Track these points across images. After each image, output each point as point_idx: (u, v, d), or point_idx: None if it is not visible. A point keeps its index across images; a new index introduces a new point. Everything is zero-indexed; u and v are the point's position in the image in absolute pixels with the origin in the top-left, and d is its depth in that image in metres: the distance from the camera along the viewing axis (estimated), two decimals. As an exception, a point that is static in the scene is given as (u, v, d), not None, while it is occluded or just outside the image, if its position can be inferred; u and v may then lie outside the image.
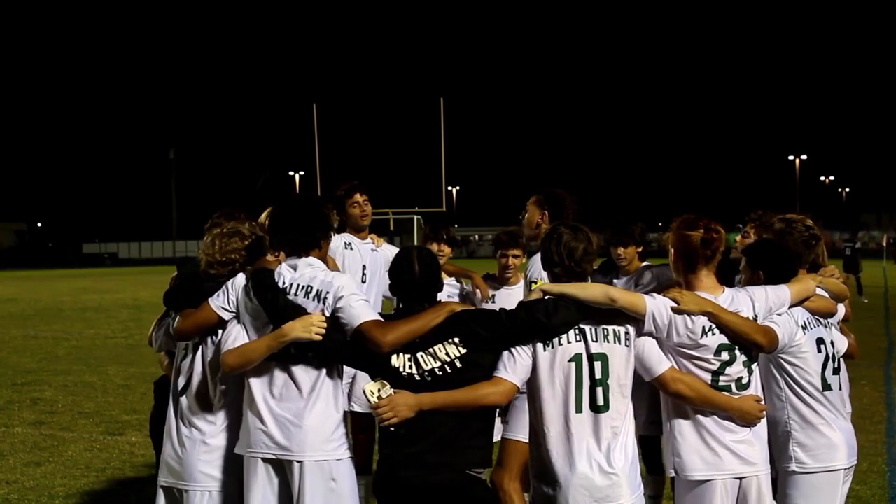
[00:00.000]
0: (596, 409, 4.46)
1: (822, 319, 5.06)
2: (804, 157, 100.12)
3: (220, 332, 4.95)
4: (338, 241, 7.41)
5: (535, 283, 6.35)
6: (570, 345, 4.48)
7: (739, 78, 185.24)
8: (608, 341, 4.50)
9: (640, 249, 6.89)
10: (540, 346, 4.49)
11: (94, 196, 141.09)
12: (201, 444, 4.99)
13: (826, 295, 5.15)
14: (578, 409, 4.46)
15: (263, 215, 5.77)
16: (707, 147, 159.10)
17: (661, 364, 4.56)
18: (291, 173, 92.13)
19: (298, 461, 4.68)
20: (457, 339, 4.51)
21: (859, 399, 5.04)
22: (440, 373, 4.50)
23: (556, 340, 4.48)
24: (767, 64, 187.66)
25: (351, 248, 7.44)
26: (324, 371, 4.76)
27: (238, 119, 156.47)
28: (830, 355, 5.01)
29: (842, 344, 5.20)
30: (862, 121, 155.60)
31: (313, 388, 4.74)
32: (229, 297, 4.91)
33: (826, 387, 4.95)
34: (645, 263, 6.88)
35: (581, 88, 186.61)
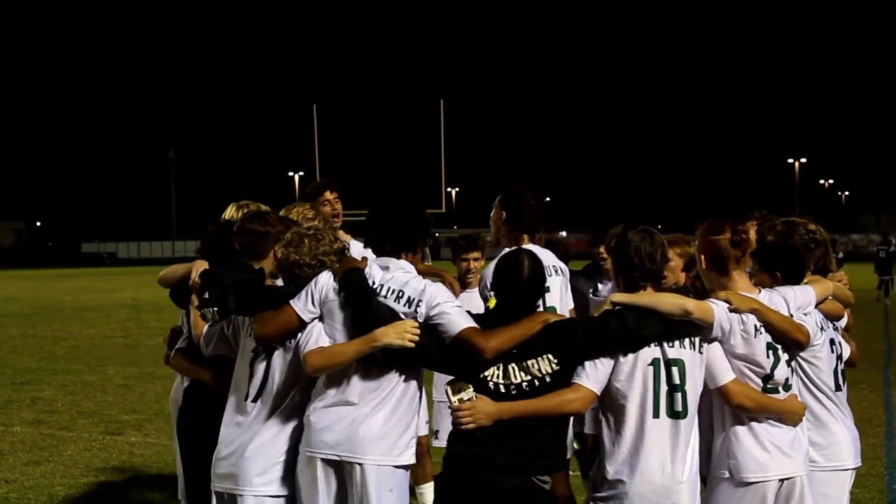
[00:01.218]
0: (674, 414, 4.46)
1: (829, 321, 5.09)
2: (803, 160, 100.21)
3: (298, 334, 4.75)
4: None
5: (488, 299, 6.29)
6: (647, 349, 4.47)
7: (739, 81, 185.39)
8: (684, 347, 4.49)
9: None
10: (622, 354, 4.48)
11: (93, 195, 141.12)
12: (266, 449, 4.81)
13: (833, 299, 5.18)
14: (656, 415, 4.45)
15: (283, 212, 5.71)
16: (706, 150, 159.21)
17: (726, 374, 4.56)
18: (291, 174, 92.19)
19: (360, 464, 4.57)
20: (550, 355, 4.44)
21: (858, 402, 5.06)
22: (527, 388, 4.42)
23: None
24: (767, 68, 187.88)
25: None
26: (401, 377, 4.64)
27: (238, 119, 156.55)
28: (839, 356, 5.06)
29: (845, 350, 5.23)
30: (861, 124, 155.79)
31: (387, 393, 4.62)
32: (313, 298, 4.71)
33: (837, 387, 5.00)
34: None
35: (581, 91, 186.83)
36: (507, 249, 5.60)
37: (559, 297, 6.17)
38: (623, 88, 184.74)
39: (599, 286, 6.81)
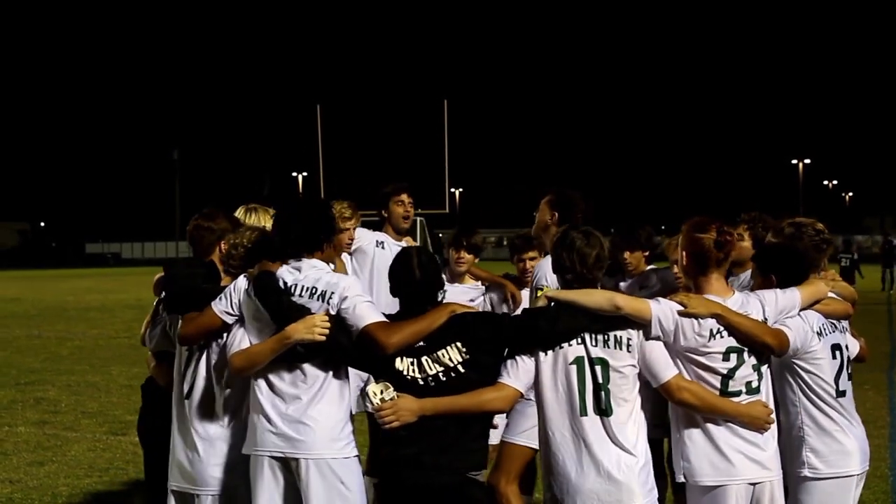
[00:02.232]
0: (601, 412, 4.46)
1: (837, 324, 5.02)
2: (807, 161, 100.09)
3: (224, 335, 4.95)
4: (370, 238, 7.38)
5: (541, 288, 6.35)
6: (570, 348, 4.48)
7: (743, 82, 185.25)
8: (608, 346, 4.49)
9: (646, 253, 6.88)
10: (541, 350, 4.50)
11: (97, 196, 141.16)
12: (210, 448, 5.00)
13: (837, 298, 5.12)
14: (583, 412, 4.45)
15: (241, 212, 5.81)
16: (710, 151, 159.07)
17: (667, 370, 4.54)
18: (295, 174, 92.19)
19: (305, 459, 4.67)
20: (459, 344, 4.51)
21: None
22: (444, 378, 4.50)
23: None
24: (770, 68, 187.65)
25: (383, 248, 7.34)
26: (330, 371, 4.76)
27: (242, 120, 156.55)
28: (845, 361, 4.99)
29: (854, 347, 5.20)
30: (865, 125, 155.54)
31: (320, 388, 4.73)
32: (232, 300, 4.90)
33: (840, 393, 4.92)
34: (650, 267, 6.88)
35: (585, 91, 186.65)
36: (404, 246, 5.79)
37: None
38: (627, 89, 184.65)
39: (621, 284, 6.82)
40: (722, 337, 4.57)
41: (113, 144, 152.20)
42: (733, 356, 4.59)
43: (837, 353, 4.95)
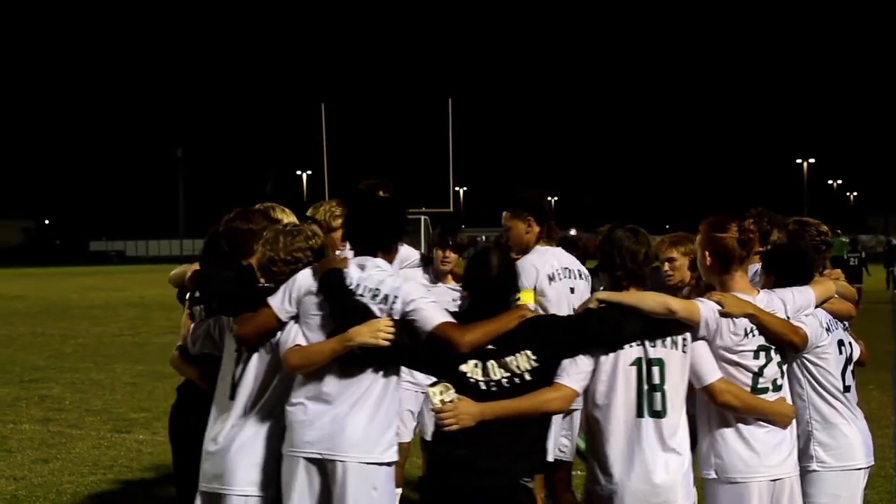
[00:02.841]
0: (655, 414, 4.47)
1: (839, 321, 5.08)
2: (812, 160, 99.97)
3: (278, 333, 4.78)
4: None
5: (518, 290, 6.32)
6: (630, 349, 4.48)
7: (747, 81, 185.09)
8: (665, 346, 4.49)
9: None
10: (604, 353, 4.48)
11: (101, 194, 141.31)
12: (248, 448, 4.83)
13: (840, 298, 5.17)
14: (640, 414, 4.46)
15: (310, 210, 5.69)
16: (715, 150, 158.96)
17: (712, 373, 4.57)
18: (299, 173, 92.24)
19: (342, 462, 4.57)
20: (529, 351, 4.43)
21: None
22: (507, 384, 4.41)
23: None
24: (775, 67, 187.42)
25: None
26: (378, 374, 4.64)
27: (246, 118, 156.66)
28: (849, 356, 5.05)
29: (855, 350, 5.23)
30: (869, 124, 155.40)
31: (365, 391, 4.62)
32: (290, 297, 4.74)
33: (846, 388, 4.99)
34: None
35: (589, 90, 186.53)
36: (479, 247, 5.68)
37: (581, 300, 6.22)
38: (632, 88, 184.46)
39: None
40: (754, 335, 4.62)
41: (117, 142, 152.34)
42: (762, 354, 4.65)
43: (842, 348, 5.02)
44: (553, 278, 6.33)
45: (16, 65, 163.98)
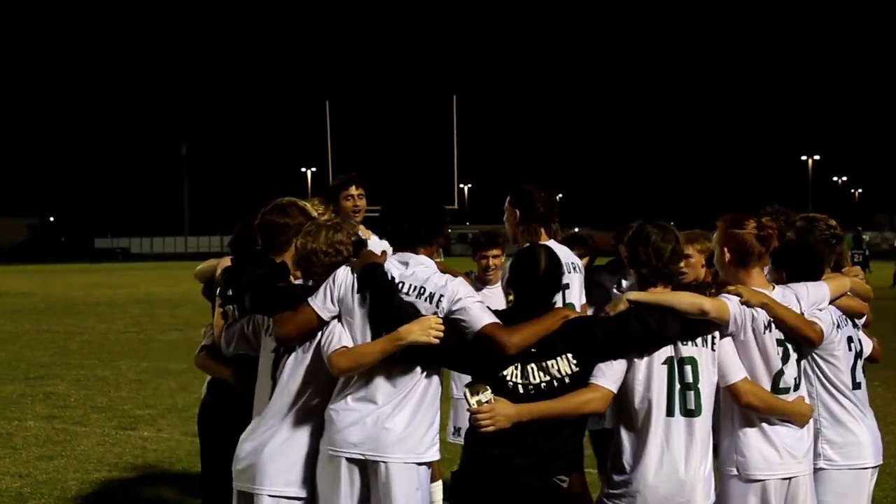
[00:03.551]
0: (688, 412, 4.46)
1: (848, 318, 5.06)
2: (817, 157, 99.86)
3: (318, 333, 4.71)
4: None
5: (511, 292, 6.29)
6: (662, 348, 4.48)
7: (752, 78, 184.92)
8: (696, 345, 4.48)
9: None
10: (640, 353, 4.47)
11: (106, 191, 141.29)
12: (285, 448, 4.77)
13: (852, 296, 5.14)
14: (671, 413, 4.46)
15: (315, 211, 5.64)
16: (719, 147, 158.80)
17: (737, 373, 4.56)
18: (304, 170, 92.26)
19: (384, 462, 4.54)
20: (570, 355, 4.41)
21: (873, 400, 5.04)
22: (546, 388, 4.39)
23: None
24: (780, 64, 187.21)
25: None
26: (422, 374, 4.60)
27: (250, 115, 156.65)
28: (858, 353, 5.03)
29: (867, 345, 5.21)
30: (875, 121, 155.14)
31: (409, 391, 4.58)
32: (332, 295, 4.66)
33: (856, 385, 4.97)
34: None
35: (593, 87, 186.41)
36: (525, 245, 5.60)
37: (578, 294, 6.20)
38: (637, 84, 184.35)
39: (624, 282, 6.81)
40: (771, 331, 4.62)
41: (122, 140, 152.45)
42: (780, 350, 4.64)
43: (852, 345, 5.00)
44: None
45: (20, 62, 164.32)
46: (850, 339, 4.98)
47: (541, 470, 4.38)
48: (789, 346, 4.66)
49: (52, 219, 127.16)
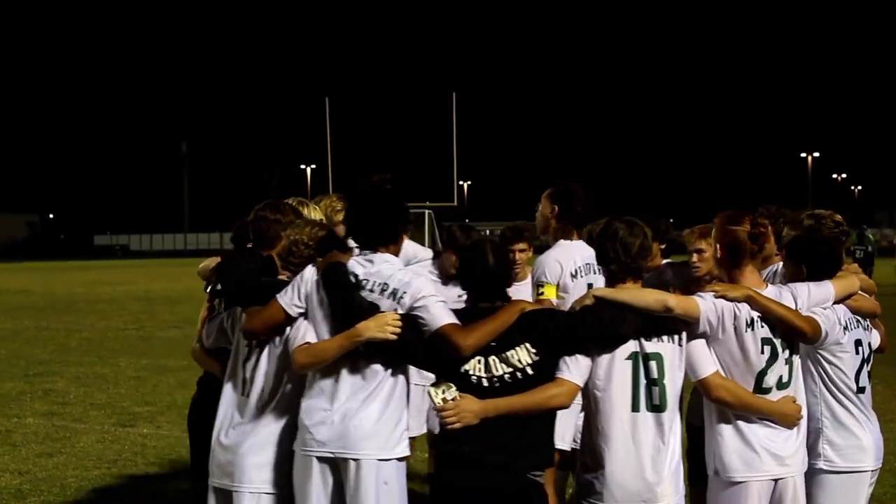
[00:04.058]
0: (654, 408, 4.45)
1: (861, 320, 5.00)
2: (816, 154, 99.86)
3: (287, 329, 4.76)
4: None
5: (542, 285, 6.30)
6: (626, 344, 4.46)
7: (752, 75, 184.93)
8: (662, 340, 4.47)
9: (662, 246, 6.83)
10: (601, 348, 4.46)
11: (106, 188, 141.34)
12: (259, 446, 4.82)
13: (866, 294, 5.09)
14: (636, 409, 4.44)
15: (313, 203, 5.67)
16: (719, 144, 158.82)
17: (707, 367, 4.53)
18: (303, 167, 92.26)
19: (354, 460, 4.56)
20: (528, 344, 4.42)
21: (872, 398, 5.03)
22: (510, 379, 4.40)
23: None
24: (779, 61, 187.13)
25: None
26: (388, 370, 4.63)
27: (250, 113, 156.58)
28: (866, 357, 4.97)
29: (876, 341, 5.18)
30: (874, 118, 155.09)
31: (376, 387, 4.61)
32: (299, 292, 4.72)
33: (860, 389, 4.92)
34: (667, 261, 6.83)
35: (593, 84, 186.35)
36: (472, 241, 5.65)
37: None
38: (636, 81, 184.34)
39: None
40: (761, 327, 4.57)
41: (122, 137, 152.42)
42: (767, 349, 4.58)
43: (860, 348, 4.92)
44: (576, 275, 6.26)
45: (20, 59, 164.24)
46: (858, 343, 4.91)
47: (512, 466, 4.39)
48: (778, 345, 4.60)
49: (51, 216, 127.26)
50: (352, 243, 4.96)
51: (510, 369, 4.41)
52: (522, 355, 4.42)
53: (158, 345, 18.56)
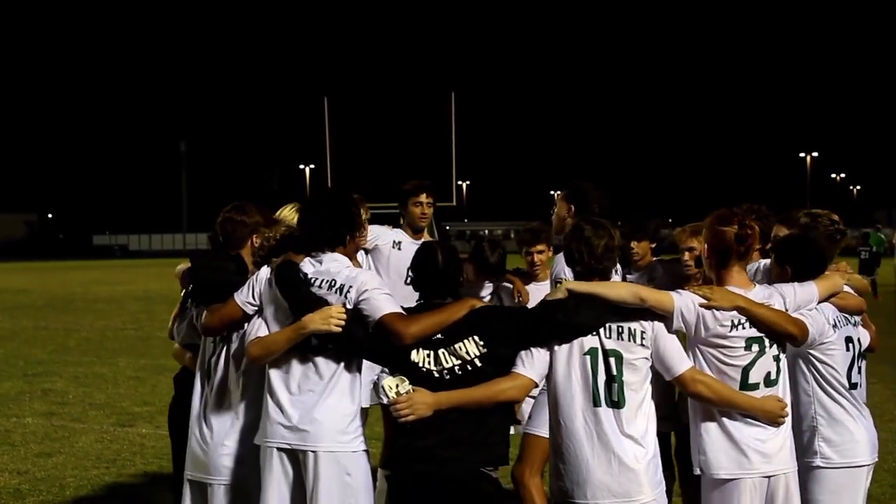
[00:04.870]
0: (613, 404, 4.46)
1: (849, 317, 5.03)
2: (815, 154, 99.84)
3: (246, 326, 5.00)
4: (388, 237, 7.36)
5: (560, 281, 6.33)
6: (585, 339, 4.48)
7: (750, 75, 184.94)
8: (622, 339, 4.48)
9: (653, 245, 6.86)
10: (557, 342, 4.49)
11: (104, 188, 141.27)
12: (226, 438, 5.05)
13: (853, 292, 5.12)
14: (597, 404, 4.46)
15: (288, 210, 5.77)
16: (718, 144, 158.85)
17: (681, 364, 4.54)
18: (302, 167, 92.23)
19: (313, 451, 4.70)
20: (476, 337, 4.51)
21: (870, 397, 5.05)
22: (459, 371, 4.49)
23: None
24: (778, 61, 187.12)
25: (399, 248, 7.30)
26: (342, 364, 4.79)
27: (249, 112, 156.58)
28: (857, 354, 5.01)
29: (865, 339, 5.20)
30: (873, 118, 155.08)
31: (330, 380, 4.77)
32: (254, 290, 4.97)
33: (852, 385, 4.95)
34: (657, 259, 6.86)
35: (592, 83, 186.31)
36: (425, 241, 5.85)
37: None
38: (635, 81, 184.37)
39: (628, 276, 6.81)
40: (744, 328, 4.58)
41: (120, 136, 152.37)
42: (755, 346, 4.60)
43: (850, 345, 4.97)
44: None
45: (18, 58, 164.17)
46: (848, 339, 4.95)
47: (465, 461, 4.45)
48: (765, 342, 4.62)
49: (50, 215, 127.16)
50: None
51: (459, 361, 4.50)
52: (471, 348, 4.51)
53: (157, 344, 18.56)
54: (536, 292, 6.93)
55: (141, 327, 22.19)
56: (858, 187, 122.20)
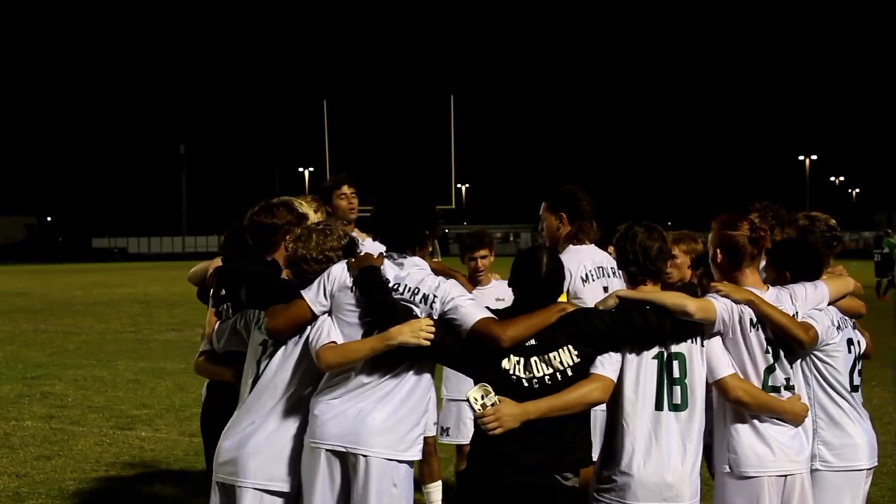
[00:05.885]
0: (674, 407, 4.51)
1: (848, 319, 5.06)
2: (814, 157, 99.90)
3: (307, 327, 4.77)
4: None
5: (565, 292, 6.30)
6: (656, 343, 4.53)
7: (749, 78, 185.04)
8: (685, 340, 4.54)
9: None
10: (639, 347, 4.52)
11: (104, 191, 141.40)
12: (270, 441, 4.81)
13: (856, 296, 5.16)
14: (659, 408, 4.51)
15: (305, 206, 5.67)
16: (717, 147, 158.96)
17: (725, 368, 4.60)
18: (301, 169, 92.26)
19: (364, 456, 4.57)
20: (571, 346, 4.44)
21: (869, 400, 5.06)
22: (549, 381, 4.42)
23: None
24: (777, 64, 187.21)
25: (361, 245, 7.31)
26: (411, 372, 4.65)
27: (248, 115, 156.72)
28: (858, 356, 5.03)
29: (863, 341, 5.21)
30: (872, 121, 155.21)
31: (395, 387, 4.62)
32: (325, 290, 4.73)
33: (854, 387, 4.98)
34: None
35: (591, 86, 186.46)
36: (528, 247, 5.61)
37: None
38: (633, 84, 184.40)
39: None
40: (758, 329, 4.64)
41: (120, 139, 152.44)
42: (770, 348, 4.67)
43: (851, 347, 4.99)
44: (587, 279, 6.24)
45: (18, 61, 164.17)
46: (850, 342, 4.97)
47: (545, 467, 4.40)
48: (780, 347, 4.68)
49: (49, 218, 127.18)
50: (376, 247, 4.98)
51: (551, 370, 4.44)
52: (565, 357, 4.45)
53: (157, 347, 18.56)
54: (481, 298, 6.84)
55: (140, 330, 22.17)
56: (858, 190, 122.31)
